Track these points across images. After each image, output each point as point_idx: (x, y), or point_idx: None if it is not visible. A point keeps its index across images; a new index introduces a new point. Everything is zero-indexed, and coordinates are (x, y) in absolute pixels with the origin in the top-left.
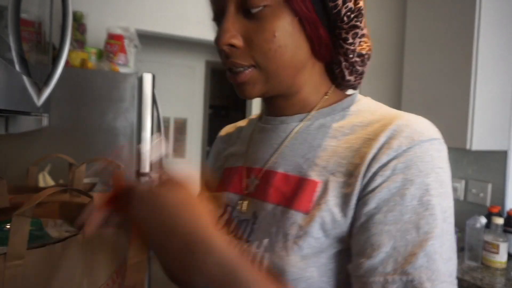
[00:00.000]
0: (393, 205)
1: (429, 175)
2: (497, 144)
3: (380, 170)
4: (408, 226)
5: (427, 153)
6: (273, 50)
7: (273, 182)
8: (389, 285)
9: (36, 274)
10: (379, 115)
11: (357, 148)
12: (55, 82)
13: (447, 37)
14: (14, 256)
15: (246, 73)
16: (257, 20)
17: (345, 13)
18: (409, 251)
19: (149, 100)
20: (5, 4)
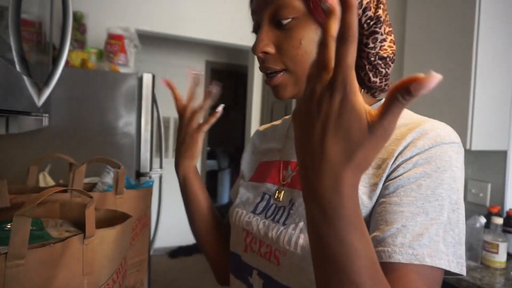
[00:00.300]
0: (409, 191)
1: (445, 172)
2: (497, 144)
3: (403, 163)
4: (419, 211)
5: (446, 153)
6: (300, 55)
7: None
8: (396, 255)
9: (36, 274)
10: (407, 119)
11: (386, 145)
12: (55, 82)
13: (447, 37)
14: (15, 256)
15: (278, 76)
16: (286, 30)
17: (365, 21)
18: (416, 231)
19: (149, 100)
20: (5, 4)
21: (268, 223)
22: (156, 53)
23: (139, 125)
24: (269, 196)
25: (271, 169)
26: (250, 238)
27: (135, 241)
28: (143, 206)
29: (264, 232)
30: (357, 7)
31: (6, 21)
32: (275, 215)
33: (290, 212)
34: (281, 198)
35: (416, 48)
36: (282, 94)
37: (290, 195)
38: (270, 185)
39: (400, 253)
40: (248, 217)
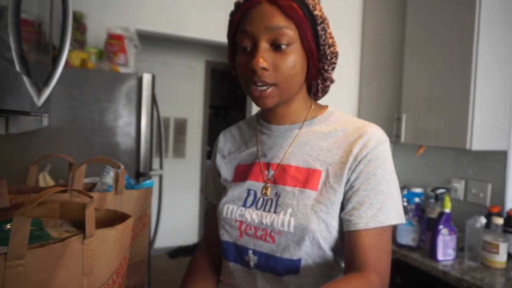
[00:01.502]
0: (370, 180)
1: (386, 162)
2: (497, 144)
3: (362, 160)
4: (378, 192)
5: (384, 149)
6: (292, 74)
7: (289, 172)
8: (369, 224)
9: (36, 274)
10: (351, 123)
11: (343, 147)
12: (55, 82)
13: (447, 37)
14: (14, 256)
15: (268, 90)
16: (282, 53)
17: (329, 54)
18: (378, 206)
19: (149, 100)
20: (5, 4)
21: (261, 213)
22: (156, 53)
23: (139, 125)
24: (255, 191)
25: (252, 169)
26: (245, 226)
27: (135, 241)
28: (143, 206)
29: (258, 220)
30: (326, 42)
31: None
32: (265, 206)
33: (277, 202)
34: (268, 193)
35: (416, 48)
36: (269, 103)
37: (275, 189)
38: (253, 182)
39: (372, 222)
40: (240, 210)
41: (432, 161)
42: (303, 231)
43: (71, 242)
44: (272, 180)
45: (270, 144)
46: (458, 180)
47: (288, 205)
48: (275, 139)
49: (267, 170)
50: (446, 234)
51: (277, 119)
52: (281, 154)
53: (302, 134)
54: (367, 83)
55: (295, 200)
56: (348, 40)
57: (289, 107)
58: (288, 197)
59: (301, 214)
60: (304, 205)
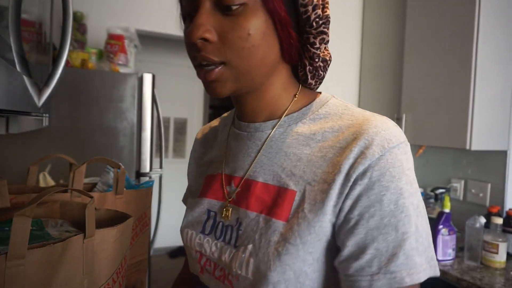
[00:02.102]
0: (373, 211)
1: (401, 179)
2: (497, 144)
3: (359, 179)
4: (388, 229)
5: (396, 158)
6: (246, 48)
7: (254, 191)
8: (375, 283)
9: (37, 274)
10: (347, 119)
11: (331, 157)
12: (56, 82)
13: (447, 37)
14: (15, 256)
15: (216, 70)
16: (233, 17)
17: (314, 19)
18: (390, 252)
19: (149, 100)
20: (5, 4)
21: (221, 245)
22: (156, 53)
23: (139, 125)
24: (214, 213)
25: (212, 183)
26: (204, 260)
27: (135, 241)
28: (143, 206)
29: (218, 255)
30: (308, 1)
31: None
32: (225, 235)
33: (238, 232)
34: (229, 216)
35: (416, 48)
36: (221, 91)
37: (236, 213)
38: (213, 201)
39: (379, 279)
40: (199, 238)
41: (431, 161)
42: (262, 280)
43: (71, 242)
44: (234, 199)
45: (235, 148)
46: (458, 180)
47: (250, 238)
48: (242, 142)
49: (229, 185)
50: (445, 234)
51: (247, 114)
52: (246, 164)
53: (276, 136)
54: (367, 83)
55: (258, 233)
56: (348, 40)
57: (262, 98)
58: (250, 227)
59: (262, 255)
60: (267, 242)
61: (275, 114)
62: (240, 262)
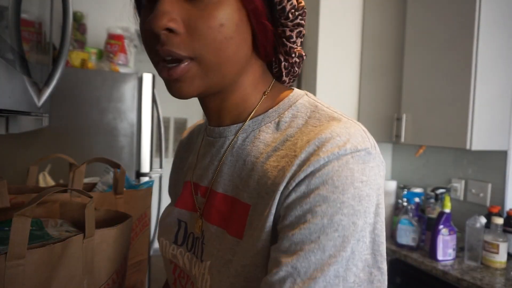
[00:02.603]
0: (303, 223)
1: (346, 192)
2: (497, 144)
3: (297, 186)
4: (313, 246)
5: (346, 166)
6: (219, 41)
7: (214, 203)
8: None
9: (36, 274)
10: (312, 124)
11: (282, 166)
12: (56, 82)
13: (447, 37)
14: (15, 256)
15: (182, 66)
16: (202, 5)
17: (289, 10)
18: (309, 274)
19: (149, 100)
20: (5, 4)
21: (191, 257)
22: None
23: (139, 125)
24: (185, 223)
25: (183, 191)
26: (178, 271)
27: (135, 241)
28: (143, 206)
29: (189, 267)
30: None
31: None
32: (195, 248)
33: (203, 246)
34: (200, 228)
35: (416, 47)
36: (187, 90)
37: (203, 225)
38: (182, 211)
39: None
40: (173, 249)
41: (432, 161)
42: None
43: (71, 242)
44: (202, 211)
45: (203, 156)
46: (458, 180)
47: (210, 254)
48: (207, 149)
49: (197, 195)
50: (446, 234)
51: (213, 117)
52: (210, 173)
53: (238, 142)
54: (367, 83)
55: (216, 249)
56: (348, 40)
57: (228, 99)
58: (211, 242)
59: (216, 273)
60: (223, 260)
61: (241, 116)
62: (202, 278)
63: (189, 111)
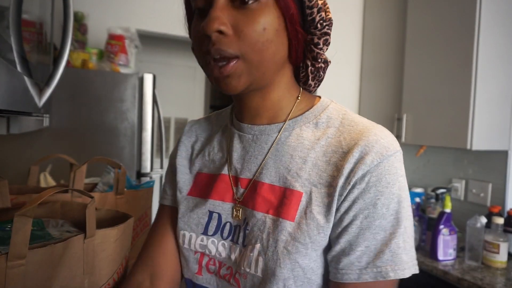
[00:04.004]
0: (367, 213)
1: (394, 185)
2: (498, 144)
3: (357, 183)
4: (378, 230)
5: (392, 165)
6: (261, 42)
7: (260, 192)
8: (363, 276)
9: (37, 274)
10: (348, 125)
11: (334, 161)
12: (56, 83)
13: (447, 37)
14: (16, 256)
15: (231, 65)
16: (248, 12)
17: (318, 21)
18: (378, 249)
19: (149, 100)
20: (6, 4)
21: (229, 244)
22: (157, 53)
23: (140, 125)
24: (219, 214)
25: (217, 183)
26: (207, 260)
27: (135, 241)
28: (143, 206)
29: (226, 254)
30: (314, 4)
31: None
32: (233, 235)
33: (245, 232)
34: (240, 216)
35: (417, 48)
36: (236, 86)
37: (244, 213)
38: (218, 202)
39: (367, 273)
40: (201, 240)
41: (432, 161)
42: (271, 277)
43: (72, 242)
44: (242, 200)
45: (240, 150)
46: (459, 180)
47: (257, 238)
48: (247, 145)
49: (236, 186)
50: (446, 234)
51: (250, 115)
52: (253, 166)
53: (282, 139)
54: (367, 83)
55: (265, 233)
56: (349, 40)
57: (266, 97)
58: (257, 227)
59: (271, 254)
60: (275, 241)
61: (278, 116)
62: (248, 261)
63: (189, 111)
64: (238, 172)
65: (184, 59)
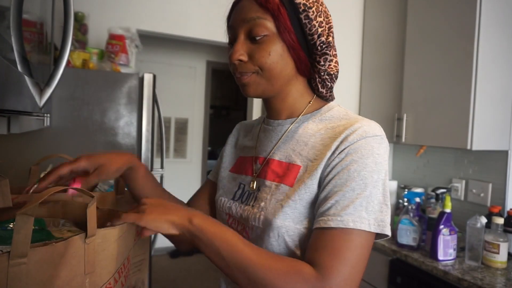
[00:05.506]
0: (341, 175)
1: (368, 158)
2: (498, 144)
3: (338, 154)
4: (347, 188)
5: (369, 144)
6: (268, 64)
7: (271, 166)
8: (329, 222)
9: (39, 273)
10: (344, 120)
11: (327, 143)
12: (57, 83)
13: (447, 37)
14: (17, 255)
15: (250, 75)
16: (258, 44)
17: (319, 44)
18: (345, 204)
19: (150, 100)
20: (7, 4)
21: (244, 206)
22: (157, 53)
23: (140, 125)
24: (244, 185)
25: (247, 163)
26: (231, 220)
27: (136, 240)
28: None
29: (240, 214)
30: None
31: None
32: (248, 199)
33: (256, 196)
34: (254, 186)
35: (417, 48)
36: (253, 90)
37: (258, 183)
38: (244, 176)
39: (332, 221)
40: (229, 203)
41: (432, 161)
42: (268, 226)
43: (73, 242)
44: (258, 174)
45: (263, 138)
46: (459, 180)
47: (263, 199)
48: (268, 133)
49: (255, 164)
50: (446, 234)
51: (273, 113)
52: (269, 148)
53: (292, 129)
54: (367, 83)
55: (270, 194)
56: (349, 40)
57: (284, 101)
58: (264, 191)
59: (270, 209)
60: (276, 200)
61: (293, 114)
62: (254, 216)
63: (189, 111)
64: (258, 153)
65: (184, 59)
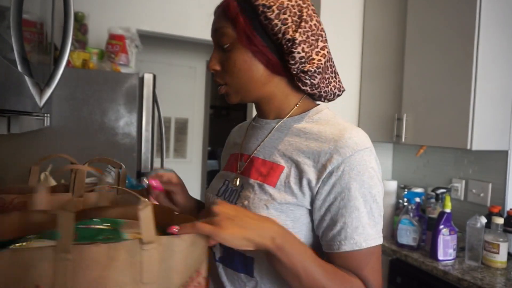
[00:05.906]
0: (343, 195)
1: (364, 174)
2: (498, 144)
3: (334, 171)
4: (352, 209)
5: (362, 158)
6: (236, 72)
7: (255, 164)
8: (342, 246)
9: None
10: (331, 125)
11: (313, 147)
12: (57, 83)
13: (447, 37)
14: (62, 250)
15: (222, 88)
16: (226, 53)
17: (284, 43)
18: (354, 225)
19: (150, 100)
20: (7, 4)
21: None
22: (157, 53)
23: (140, 125)
24: (228, 181)
25: (232, 159)
26: None
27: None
28: None
29: None
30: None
31: (7, 22)
32: (230, 196)
33: (240, 194)
34: (237, 183)
35: (417, 48)
36: (229, 99)
37: (242, 181)
38: (228, 173)
39: (345, 244)
40: (212, 200)
41: (432, 161)
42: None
43: (123, 245)
44: (242, 171)
45: (250, 135)
46: (459, 180)
47: (246, 197)
48: (255, 131)
49: (240, 161)
50: (446, 234)
51: (262, 113)
52: (254, 146)
53: (278, 129)
54: (367, 83)
55: (253, 193)
56: (349, 41)
57: (270, 103)
58: (248, 190)
59: (254, 209)
60: (259, 199)
61: (281, 115)
62: None
63: (189, 111)
64: (244, 150)
65: (184, 59)
